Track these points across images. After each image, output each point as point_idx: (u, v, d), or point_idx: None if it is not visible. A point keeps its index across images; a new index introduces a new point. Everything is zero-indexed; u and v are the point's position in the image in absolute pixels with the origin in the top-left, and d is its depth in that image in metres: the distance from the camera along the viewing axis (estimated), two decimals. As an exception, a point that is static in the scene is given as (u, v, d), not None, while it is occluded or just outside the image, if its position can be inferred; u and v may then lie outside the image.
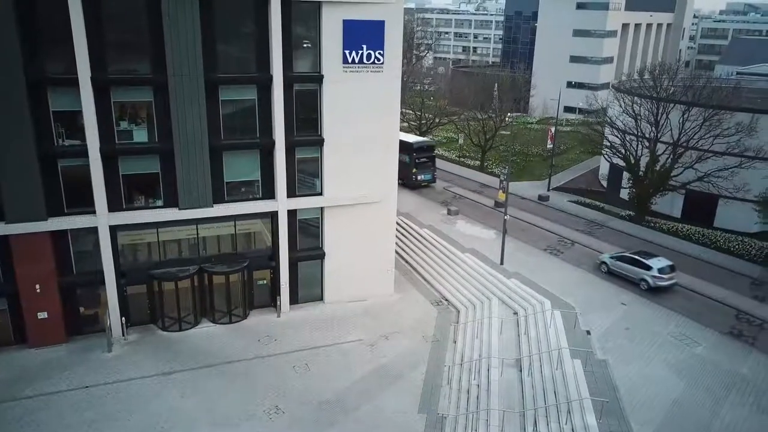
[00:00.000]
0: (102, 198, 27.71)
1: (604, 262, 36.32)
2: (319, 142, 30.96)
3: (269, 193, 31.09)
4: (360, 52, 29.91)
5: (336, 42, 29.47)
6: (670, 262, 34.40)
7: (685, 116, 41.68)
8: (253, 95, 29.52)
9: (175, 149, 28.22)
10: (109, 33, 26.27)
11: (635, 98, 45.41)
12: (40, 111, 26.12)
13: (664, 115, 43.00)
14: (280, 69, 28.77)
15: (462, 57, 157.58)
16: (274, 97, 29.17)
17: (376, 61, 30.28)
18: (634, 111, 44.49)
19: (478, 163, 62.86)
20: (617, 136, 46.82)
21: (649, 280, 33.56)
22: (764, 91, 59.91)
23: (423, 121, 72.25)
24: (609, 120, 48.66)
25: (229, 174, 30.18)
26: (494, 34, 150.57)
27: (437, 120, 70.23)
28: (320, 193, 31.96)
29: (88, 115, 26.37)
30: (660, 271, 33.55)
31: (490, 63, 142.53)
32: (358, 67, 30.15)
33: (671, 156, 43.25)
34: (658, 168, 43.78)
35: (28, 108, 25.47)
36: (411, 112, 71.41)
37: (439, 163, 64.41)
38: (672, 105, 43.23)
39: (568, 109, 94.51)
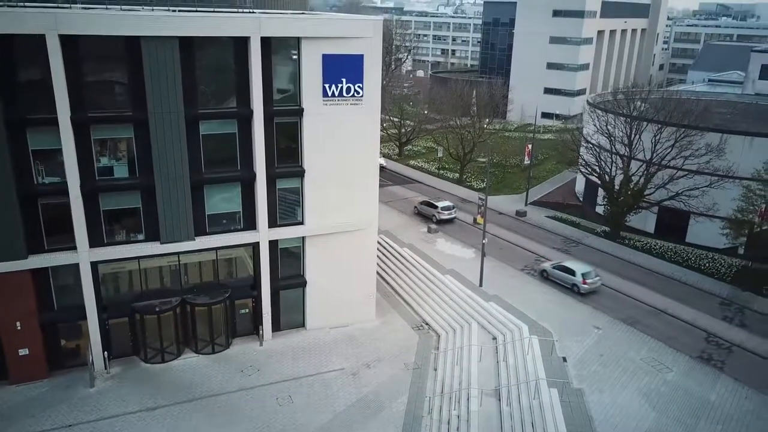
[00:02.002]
0: (83, 234, 27.73)
1: (416, 206, 51.56)
2: (300, 173, 31.28)
3: (251, 224, 31.35)
4: (340, 85, 30.27)
5: (316, 76, 29.79)
6: (450, 203, 50.18)
7: (657, 137, 42.80)
8: (233, 129, 29.73)
9: (156, 184, 28.34)
10: (88, 73, 26.40)
11: (609, 118, 46.41)
12: (19, 150, 26.07)
13: (637, 136, 44.11)
14: (261, 103, 29.01)
15: (441, 60, 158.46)
16: (254, 130, 29.42)
17: (356, 94, 30.67)
18: (608, 130, 45.53)
19: (457, 175, 63.55)
20: (592, 154, 47.84)
21: (437, 214, 48.92)
22: (733, 104, 61.56)
23: (403, 130, 72.83)
24: (585, 138, 49.66)
25: (210, 207, 30.38)
26: (472, 37, 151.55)
27: (418, 128, 70.79)
28: (301, 223, 32.30)
29: (67, 154, 26.38)
30: (443, 208, 49.06)
31: (469, 66, 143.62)
32: (338, 100, 30.52)
33: (644, 174, 44.37)
34: (631, 186, 44.88)
35: (6, 147, 25.41)
36: (389, 118, 71.75)
37: (418, 175, 65.40)
38: (645, 125, 44.32)
39: (546, 115, 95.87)
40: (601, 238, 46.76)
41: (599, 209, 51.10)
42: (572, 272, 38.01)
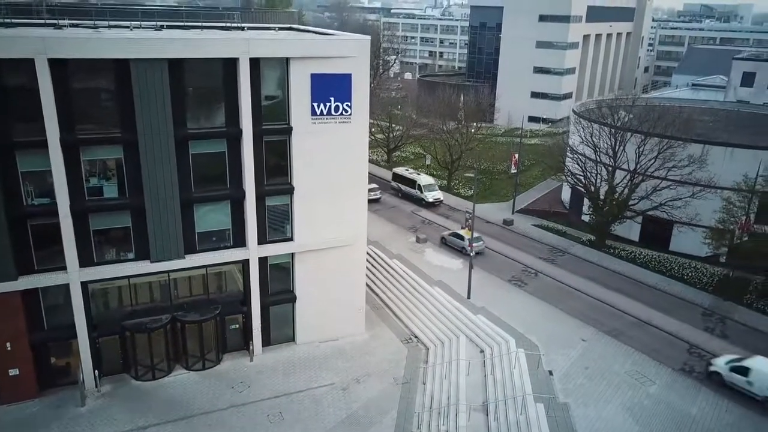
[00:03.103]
0: (73, 255, 27.85)
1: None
2: (290, 191, 31.57)
3: (240, 241, 31.58)
4: (328, 104, 30.58)
5: (304, 95, 30.09)
6: (376, 185, 57.78)
7: (641, 149, 43.54)
8: (223, 148, 29.95)
9: (145, 204, 28.52)
10: (77, 95, 26.51)
11: (594, 129, 47.05)
12: (8, 172, 26.14)
13: (621, 147, 44.84)
14: (250, 123, 29.27)
15: (429, 62, 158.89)
16: (243, 149, 29.66)
17: (344, 113, 30.99)
18: (593, 141, 46.20)
19: (445, 182, 63.96)
20: (578, 164, 48.46)
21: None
22: (715, 111, 62.53)
23: (392, 135, 73.01)
24: (571, 147, 50.31)
25: (200, 225, 30.60)
26: (460, 40, 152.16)
27: (407, 134, 71.14)
28: (291, 239, 32.58)
29: (57, 175, 26.51)
30: (369, 190, 46.65)
31: (457, 68, 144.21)
32: (327, 119, 30.82)
33: (629, 184, 45.09)
34: (616, 196, 45.58)
35: (-5, 170, 25.51)
36: (377, 123, 71.89)
37: (407, 182, 65.75)
38: (629, 136, 45.05)
39: (533, 119, 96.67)
40: (586, 247, 47.42)
41: (585, 217, 51.82)
42: (462, 238, 45.27)
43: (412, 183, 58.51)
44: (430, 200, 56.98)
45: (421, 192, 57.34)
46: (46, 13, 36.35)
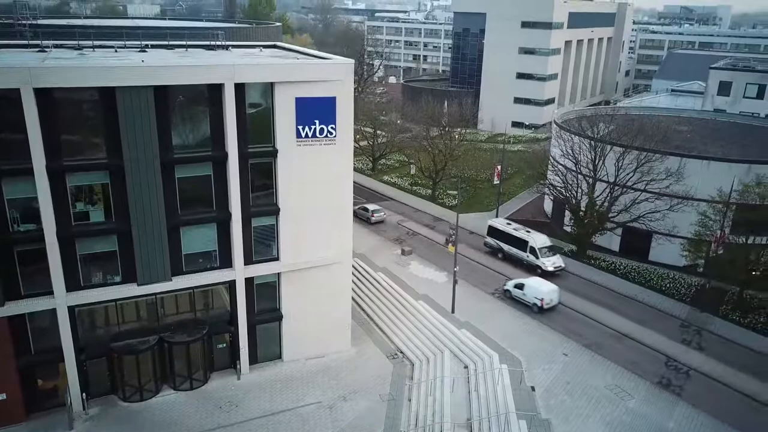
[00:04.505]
0: (60, 280, 27.99)
1: None
2: (275, 212, 31.94)
3: (227, 262, 31.90)
4: (313, 127, 31.00)
5: (289, 118, 30.47)
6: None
7: (619, 163, 44.48)
8: (209, 171, 30.25)
9: (132, 228, 28.74)
10: (63, 122, 26.69)
11: (574, 141, 47.92)
12: (-7, 200, 26.24)
13: (601, 161, 45.76)
14: (235, 146, 29.61)
15: (413, 65, 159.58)
16: (229, 172, 29.99)
17: (328, 135, 31.43)
18: (574, 156, 47.07)
19: (430, 192, 64.61)
20: (559, 176, 49.33)
21: None
22: (693, 120, 63.77)
23: (377, 142, 73.50)
24: (552, 158, 51.16)
25: (186, 247, 30.88)
26: (443, 43, 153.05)
27: (392, 142, 71.71)
28: (277, 259, 32.96)
29: (43, 202, 26.67)
30: None
31: (441, 71, 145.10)
32: (312, 141, 31.24)
33: (609, 196, 46.01)
34: (596, 208, 46.50)
35: (-20, 198, 25.59)
36: (362, 129, 72.35)
37: (391, 191, 66.39)
38: (609, 149, 45.99)
39: (516, 124, 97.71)
40: (568, 257, 48.21)
41: (566, 227, 52.67)
42: (367, 210, 55.90)
43: (521, 244, 45.62)
44: (550, 269, 44.11)
45: (537, 257, 44.63)
46: (29, 32, 36.41)
